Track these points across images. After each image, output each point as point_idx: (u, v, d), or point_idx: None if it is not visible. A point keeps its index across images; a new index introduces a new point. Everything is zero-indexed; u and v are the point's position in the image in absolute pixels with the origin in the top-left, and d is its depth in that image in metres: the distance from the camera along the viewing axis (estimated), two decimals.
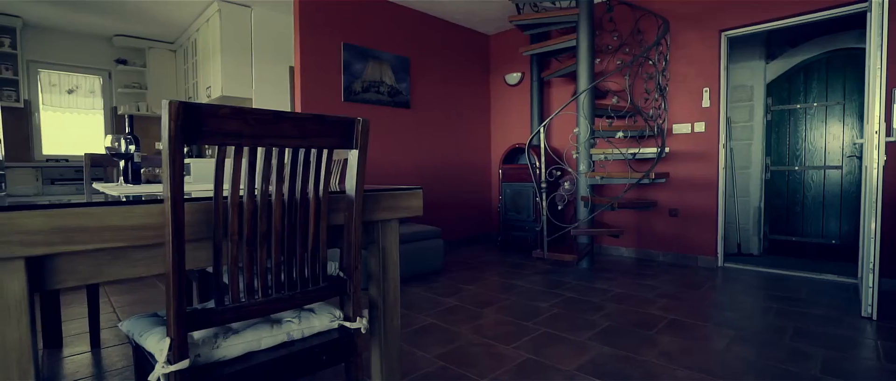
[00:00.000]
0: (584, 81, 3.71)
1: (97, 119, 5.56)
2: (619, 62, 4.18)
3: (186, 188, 1.47)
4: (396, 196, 1.27)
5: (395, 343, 1.34)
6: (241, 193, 0.89)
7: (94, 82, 5.49)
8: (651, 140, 3.67)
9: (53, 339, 2.22)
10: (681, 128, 3.88)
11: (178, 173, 0.77)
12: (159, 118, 5.87)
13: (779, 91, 4.38)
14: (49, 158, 5.08)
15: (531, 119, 4.89)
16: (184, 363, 0.83)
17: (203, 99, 4.79)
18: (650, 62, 3.74)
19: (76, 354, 2.14)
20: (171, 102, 0.75)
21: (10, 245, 0.71)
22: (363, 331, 1.12)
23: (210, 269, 1.52)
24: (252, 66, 4.50)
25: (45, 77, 5.11)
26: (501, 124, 5.41)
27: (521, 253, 4.48)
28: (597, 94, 4.02)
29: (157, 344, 0.93)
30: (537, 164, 4.17)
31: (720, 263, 3.80)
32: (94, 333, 2.22)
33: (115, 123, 5.66)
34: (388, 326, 1.32)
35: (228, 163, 0.84)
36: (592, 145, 3.59)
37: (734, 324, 2.43)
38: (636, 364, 1.95)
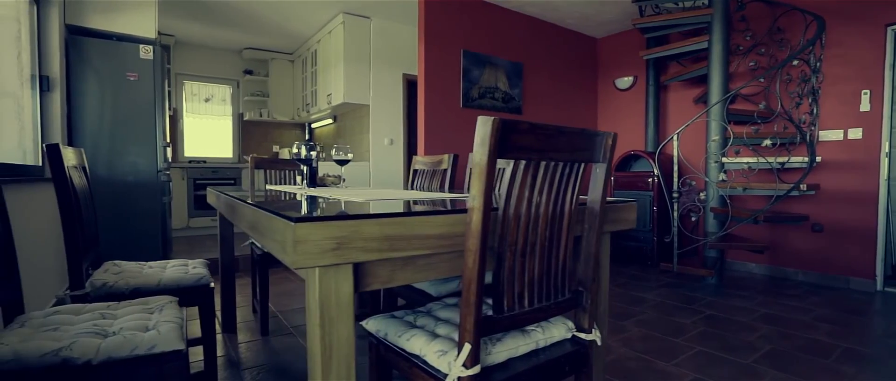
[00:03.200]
0: (716, 85, 3.49)
1: (226, 124, 6.13)
2: (752, 64, 3.88)
3: (341, 196, 1.56)
4: (617, 209, 1.25)
5: (603, 354, 1.32)
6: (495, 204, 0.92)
7: (226, 91, 6.07)
8: (797, 148, 3.36)
9: (229, 325, 2.46)
10: (830, 135, 3.51)
11: (491, 186, 0.81)
12: (280, 123, 6.35)
13: None
14: (191, 160, 5.67)
15: (646, 125, 4.68)
16: (477, 369, 0.87)
17: (324, 106, 5.10)
18: (801, 62, 3.42)
19: (250, 340, 2.35)
20: (493, 120, 0.78)
21: (354, 251, 0.78)
22: (599, 343, 1.12)
23: None
24: (370, 73, 4.72)
25: (188, 88, 5.73)
26: (609, 130, 5.23)
27: (636, 264, 4.29)
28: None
29: (428, 346, 0.98)
30: (655, 173, 3.98)
31: (879, 286, 3.38)
32: (264, 322, 2.43)
33: (241, 128, 6.21)
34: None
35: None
36: (729, 153, 3.35)
37: None
38: None
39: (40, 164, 2.93)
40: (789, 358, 2.14)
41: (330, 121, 5.80)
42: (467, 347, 0.85)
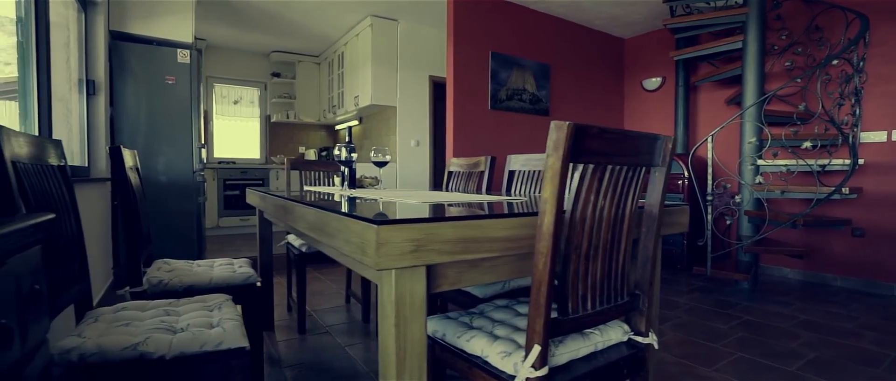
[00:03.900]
0: (751, 86, 3.42)
1: (254, 126, 6.25)
2: (788, 64, 3.79)
3: (391, 197, 1.57)
4: (671, 212, 1.25)
5: (654, 357, 1.31)
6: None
7: (254, 94, 6.19)
8: (838, 150, 3.27)
9: (267, 323, 2.51)
10: (873, 136, 3.41)
11: (564, 189, 0.82)
12: (306, 125, 6.44)
13: None
14: (220, 161, 5.80)
15: (675, 127, 4.61)
16: (545, 370, 0.87)
17: (350, 107, 5.16)
18: (843, 61, 3.33)
19: (288, 339, 2.40)
20: (567, 125, 0.79)
21: (430, 253, 0.80)
22: (656, 347, 1.11)
23: None
24: (397, 75, 4.76)
25: (218, 90, 5.86)
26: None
27: (666, 268, 4.23)
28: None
29: (490, 347, 0.99)
30: (686, 175, 3.92)
31: None
32: (301, 321, 2.47)
33: (268, 129, 6.32)
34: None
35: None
36: (766, 155, 3.28)
37: None
38: None
39: (86, 165, 3.04)
40: (836, 367, 2.08)
41: (356, 122, 5.86)
42: (537, 348, 0.86)
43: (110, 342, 0.99)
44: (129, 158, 1.67)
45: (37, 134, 2.25)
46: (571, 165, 0.85)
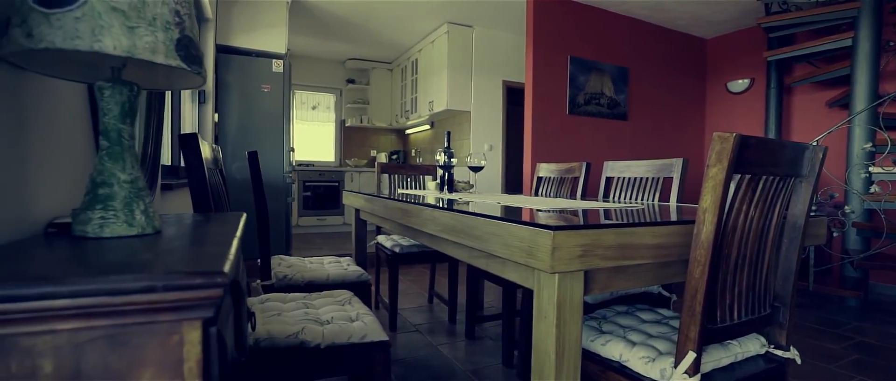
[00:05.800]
0: (862, 87, 3.16)
1: (329, 130, 6.57)
2: None
3: (481, 201, 1.60)
4: (810, 224, 1.20)
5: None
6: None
7: (330, 99, 6.50)
8: None
9: None
10: None
11: (725, 200, 0.82)
12: (377, 129, 6.68)
13: None
14: (298, 164, 6.15)
15: (765, 130, 4.34)
16: (698, 377, 0.88)
17: (424, 112, 5.30)
18: None
19: None
20: (733, 136, 0.80)
21: (594, 259, 0.83)
22: (798, 362, 1.08)
23: None
24: (471, 81, 4.84)
25: (298, 96, 6.21)
26: None
27: None
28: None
29: (630, 352, 1.01)
30: None
31: None
32: (393, 319, 2.58)
33: (342, 133, 6.62)
34: None
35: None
36: (885, 162, 3.02)
37: None
38: None
39: None
40: None
41: (427, 127, 6.00)
42: (691, 355, 0.87)
43: (276, 330, 1.11)
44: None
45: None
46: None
